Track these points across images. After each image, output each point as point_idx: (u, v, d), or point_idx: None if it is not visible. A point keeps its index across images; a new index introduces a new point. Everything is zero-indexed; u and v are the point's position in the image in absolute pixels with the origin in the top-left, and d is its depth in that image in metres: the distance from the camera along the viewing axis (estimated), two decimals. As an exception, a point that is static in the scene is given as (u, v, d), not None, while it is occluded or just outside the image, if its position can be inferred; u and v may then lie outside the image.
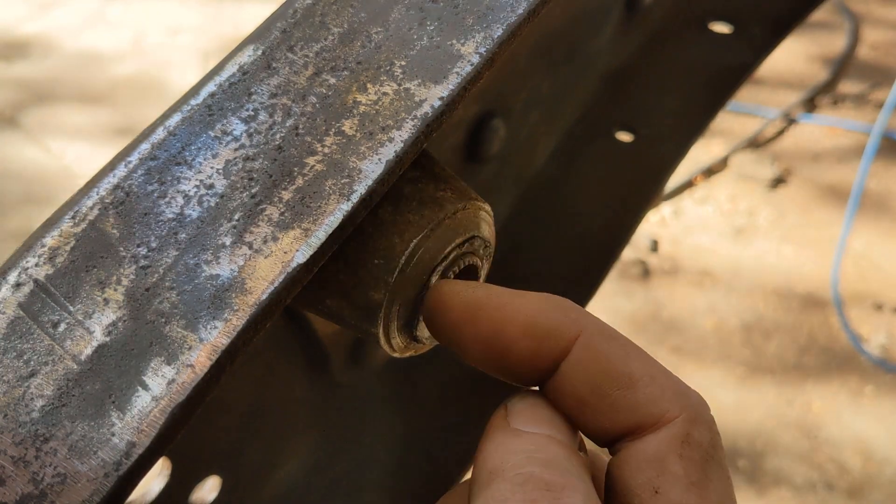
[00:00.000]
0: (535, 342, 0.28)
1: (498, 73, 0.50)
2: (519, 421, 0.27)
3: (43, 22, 3.03)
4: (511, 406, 0.28)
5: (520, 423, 0.27)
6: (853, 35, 2.76)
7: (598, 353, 0.27)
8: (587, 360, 0.27)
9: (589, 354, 0.27)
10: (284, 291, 0.25)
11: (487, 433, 0.28)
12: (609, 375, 0.27)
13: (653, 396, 0.27)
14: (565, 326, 0.28)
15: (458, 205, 0.31)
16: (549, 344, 0.28)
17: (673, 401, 0.27)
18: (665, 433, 0.26)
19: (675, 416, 0.26)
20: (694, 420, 0.27)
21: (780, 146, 2.40)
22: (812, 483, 1.61)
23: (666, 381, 0.27)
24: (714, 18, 0.66)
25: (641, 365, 0.27)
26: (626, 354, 0.28)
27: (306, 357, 0.48)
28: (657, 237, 2.12)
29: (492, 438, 0.27)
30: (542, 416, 0.27)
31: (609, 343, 0.28)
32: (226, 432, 0.45)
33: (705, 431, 0.27)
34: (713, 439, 0.27)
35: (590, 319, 0.28)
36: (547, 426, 0.27)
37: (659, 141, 0.64)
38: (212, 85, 0.29)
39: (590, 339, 0.28)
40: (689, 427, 0.26)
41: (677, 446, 0.26)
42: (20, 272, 0.26)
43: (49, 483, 0.23)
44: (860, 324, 1.90)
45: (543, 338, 0.28)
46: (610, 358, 0.27)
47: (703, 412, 0.27)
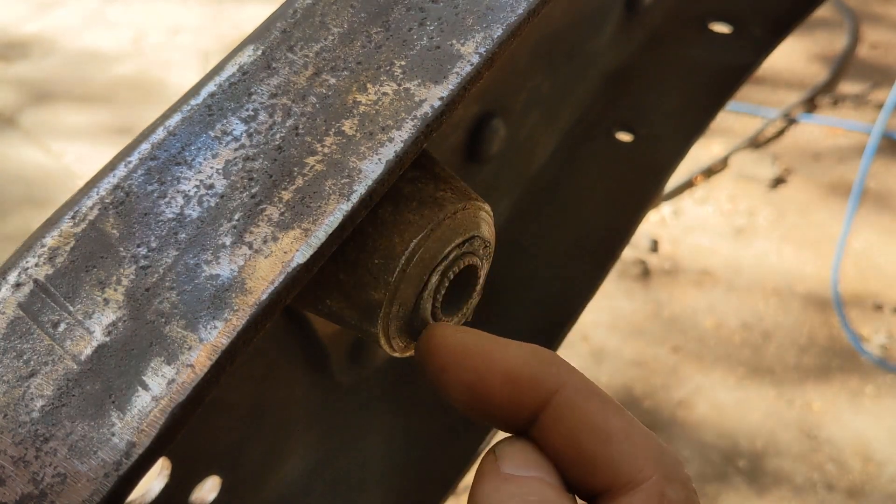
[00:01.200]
0: (515, 391, 0.28)
1: (498, 73, 0.50)
2: (509, 465, 0.28)
3: (43, 22, 3.03)
4: (500, 451, 0.29)
5: (510, 467, 0.28)
6: (853, 35, 2.76)
7: (577, 407, 0.28)
8: (566, 413, 0.28)
9: (568, 408, 0.28)
10: (284, 291, 0.25)
11: (479, 478, 0.28)
12: (586, 430, 0.28)
13: (628, 453, 0.27)
14: (545, 378, 0.28)
15: (458, 205, 0.31)
16: (529, 394, 0.28)
17: (648, 459, 0.27)
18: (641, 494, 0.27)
19: (650, 476, 0.27)
20: (668, 478, 0.27)
21: (780, 146, 2.40)
22: (812, 483, 1.61)
23: (642, 439, 0.28)
24: (714, 18, 0.66)
25: (619, 422, 0.28)
26: (605, 411, 0.28)
27: (306, 357, 0.48)
28: (657, 237, 2.12)
29: (484, 483, 0.28)
30: (531, 459, 0.28)
31: (588, 399, 0.28)
32: (226, 432, 0.45)
33: (680, 489, 0.27)
34: (689, 496, 0.27)
35: (571, 374, 0.29)
36: (536, 469, 0.28)
37: (659, 141, 0.64)
38: (212, 85, 0.29)
39: (570, 394, 0.28)
40: (664, 486, 0.27)
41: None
42: (20, 272, 0.26)
43: (49, 483, 0.23)
44: (860, 324, 1.90)
45: (523, 388, 0.28)
46: (588, 413, 0.28)
47: (677, 471, 0.28)
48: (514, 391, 0.28)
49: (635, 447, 0.27)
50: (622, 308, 1.93)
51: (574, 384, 0.28)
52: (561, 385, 0.28)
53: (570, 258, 0.62)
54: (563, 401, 0.28)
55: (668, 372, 1.79)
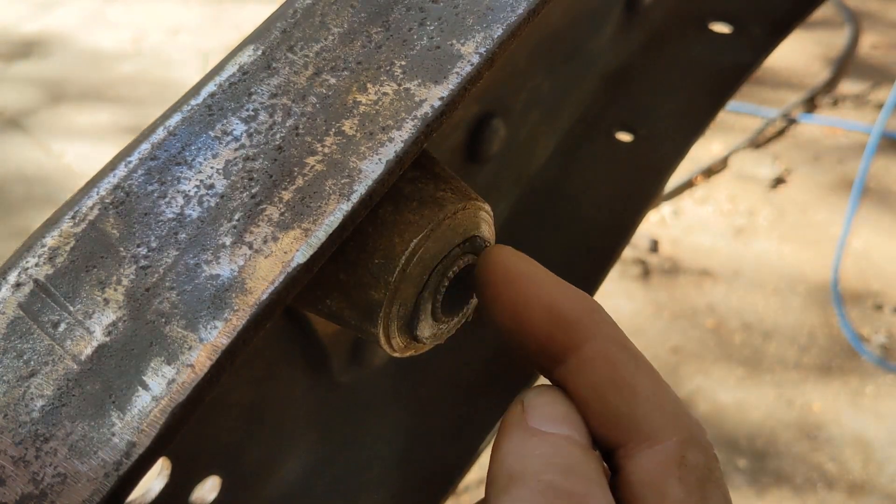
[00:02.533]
0: (551, 326, 0.28)
1: (498, 73, 0.50)
2: (536, 419, 0.27)
3: (43, 22, 3.04)
4: (528, 402, 0.28)
5: (537, 421, 0.27)
6: (853, 35, 2.76)
7: (608, 357, 0.28)
8: (596, 361, 0.28)
9: (598, 357, 0.28)
10: (284, 291, 0.25)
11: (504, 430, 0.28)
12: (613, 382, 0.28)
13: (653, 412, 0.27)
14: (583, 322, 0.28)
15: (458, 205, 0.31)
16: (563, 333, 0.28)
17: (670, 421, 0.27)
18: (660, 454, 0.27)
19: (669, 437, 0.27)
20: (690, 442, 0.27)
21: (780, 146, 2.40)
22: (812, 483, 1.61)
23: (668, 400, 0.28)
24: (714, 18, 0.66)
25: (646, 379, 0.28)
26: (635, 366, 0.28)
27: (306, 357, 0.48)
28: (657, 237, 2.12)
29: (509, 437, 0.27)
30: (559, 413, 0.28)
31: (620, 351, 0.28)
32: (226, 432, 0.45)
33: (701, 454, 0.27)
34: (709, 462, 0.27)
35: (608, 325, 0.29)
36: (565, 425, 0.27)
37: (659, 141, 0.64)
38: (212, 85, 0.29)
39: (602, 343, 0.28)
40: (684, 449, 0.27)
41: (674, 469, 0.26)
42: (20, 272, 0.26)
43: (49, 483, 0.23)
44: (860, 324, 1.90)
45: (560, 324, 0.28)
46: (617, 365, 0.28)
47: (699, 436, 0.27)
48: (553, 325, 0.28)
49: (661, 407, 0.27)
50: (622, 308, 1.93)
51: (610, 335, 0.28)
52: (597, 333, 0.28)
53: (570, 258, 0.62)
54: (596, 349, 0.28)
55: (668, 372, 1.79)
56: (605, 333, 0.28)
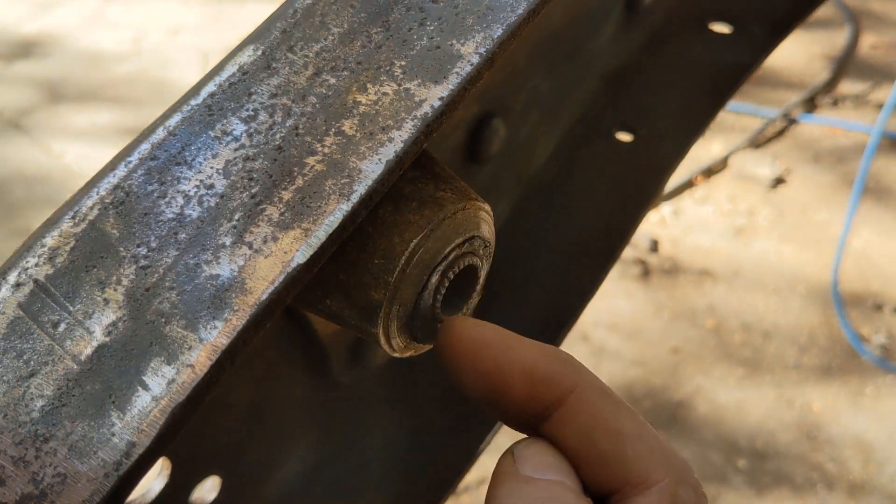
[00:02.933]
0: (531, 387, 0.29)
1: (498, 73, 0.50)
2: (528, 467, 0.28)
3: (43, 22, 3.04)
4: (518, 452, 0.29)
5: (529, 469, 0.28)
6: (853, 35, 2.76)
7: (592, 406, 0.28)
8: (581, 412, 0.28)
9: (582, 407, 0.28)
10: (284, 291, 0.25)
11: (497, 480, 0.28)
12: (600, 429, 0.28)
13: (641, 454, 0.28)
14: (562, 377, 0.29)
15: (458, 205, 0.31)
16: (544, 391, 0.29)
17: (660, 462, 0.28)
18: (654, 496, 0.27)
19: (661, 478, 0.27)
20: (680, 481, 0.28)
21: (780, 146, 2.40)
22: (812, 483, 1.61)
23: (653, 441, 0.28)
24: (714, 18, 0.66)
25: (631, 423, 0.28)
26: (618, 412, 0.29)
27: (306, 357, 0.48)
28: (657, 237, 2.12)
29: (502, 485, 0.28)
30: (550, 461, 0.28)
31: (602, 399, 0.29)
32: (226, 432, 0.45)
33: (691, 492, 0.28)
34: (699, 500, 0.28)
35: (587, 375, 0.29)
36: (556, 472, 0.28)
37: (659, 141, 0.64)
38: (212, 85, 0.29)
39: (584, 393, 0.29)
40: (675, 488, 0.27)
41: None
42: (20, 272, 0.26)
43: (49, 483, 0.23)
44: (860, 324, 1.90)
45: (539, 384, 0.29)
46: (602, 413, 0.28)
47: (687, 474, 0.28)
48: (532, 386, 0.29)
49: (647, 448, 0.28)
50: (622, 308, 1.93)
51: (589, 384, 0.29)
52: (576, 385, 0.29)
53: (570, 258, 0.62)
54: (578, 399, 0.28)
55: (668, 372, 1.79)
56: (585, 383, 0.29)
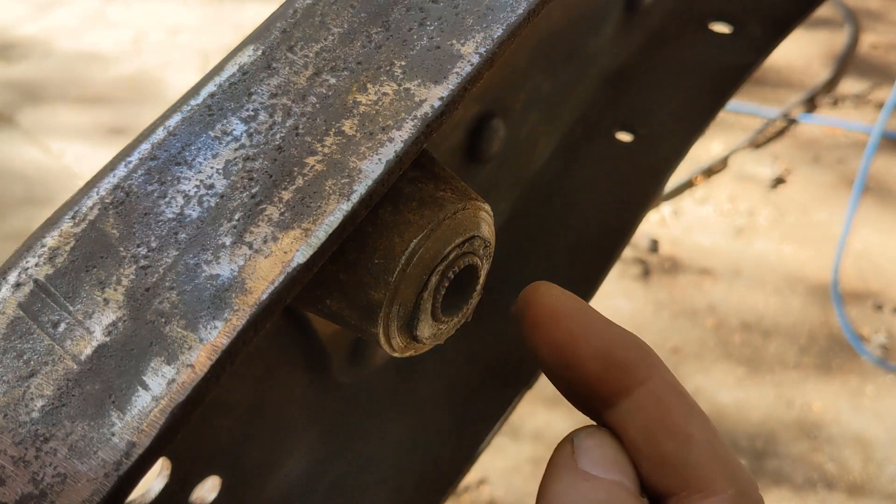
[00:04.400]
0: (604, 369, 0.28)
1: (498, 73, 0.50)
2: (587, 462, 0.27)
3: (43, 22, 3.04)
4: (579, 443, 0.27)
5: (588, 464, 0.27)
6: (853, 35, 2.76)
7: (662, 402, 0.27)
8: (650, 406, 0.27)
9: (652, 401, 0.27)
10: (284, 291, 0.25)
11: (553, 470, 0.27)
12: (667, 428, 0.27)
13: (707, 462, 0.26)
14: (638, 366, 0.28)
15: (458, 205, 0.31)
16: (617, 376, 0.28)
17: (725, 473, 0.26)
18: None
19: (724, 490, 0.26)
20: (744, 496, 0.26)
21: (780, 146, 2.40)
22: (812, 483, 1.61)
23: (722, 451, 0.27)
24: (714, 18, 0.66)
25: (701, 429, 0.27)
26: (690, 414, 0.27)
27: (306, 357, 0.48)
28: (657, 237, 2.12)
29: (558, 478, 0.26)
30: (610, 457, 0.27)
31: (675, 397, 0.28)
32: (226, 432, 0.45)
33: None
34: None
35: (662, 369, 0.28)
36: (616, 471, 0.26)
37: (659, 141, 0.64)
38: (212, 85, 0.29)
39: (657, 387, 0.27)
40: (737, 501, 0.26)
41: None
42: (20, 272, 0.26)
43: (49, 483, 0.23)
44: (860, 324, 1.90)
45: (613, 368, 0.28)
46: (672, 412, 0.27)
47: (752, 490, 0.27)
48: (604, 368, 0.28)
49: (715, 458, 0.27)
50: (622, 308, 1.93)
51: (664, 380, 0.28)
52: (650, 377, 0.28)
53: (570, 258, 0.62)
54: (649, 393, 0.27)
55: (668, 372, 1.79)
56: (659, 378, 0.28)
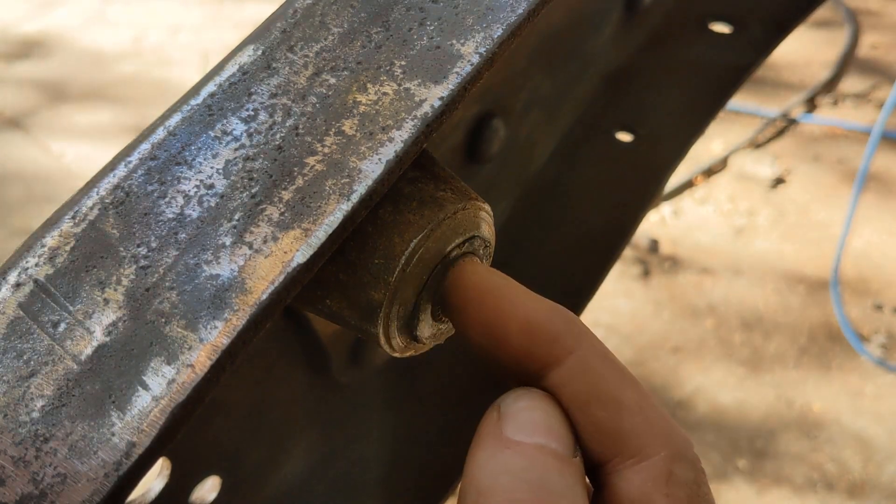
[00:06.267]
0: (530, 342, 0.28)
1: (498, 73, 0.50)
2: (511, 427, 0.26)
3: (43, 22, 3.04)
4: (504, 408, 0.27)
5: (512, 430, 0.26)
6: (853, 35, 2.76)
7: (592, 371, 0.27)
8: (579, 375, 0.27)
9: (582, 370, 0.27)
10: (284, 291, 0.25)
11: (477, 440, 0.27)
12: (598, 396, 0.27)
13: (639, 426, 0.26)
14: (564, 336, 0.28)
15: (458, 205, 0.31)
16: (544, 348, 0.27)
17: (658, 435, 0.26)
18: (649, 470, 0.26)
19: (658, 452, 0.26)
20: (678, 457, 0.26)
21: (780, 146, 2.40)
22: (812, 483, 1.61)
23: (654, 414, 0.27)
24: (714, 18, 0.66)
25: (632, 392, 0.27)
26: (620, 380, 0.27)
27: (306, 357, 0.48)
28: (657, 237, 2.12)
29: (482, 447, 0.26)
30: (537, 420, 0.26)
31: (604, 364, 0.27)
32: (226, 432, 0.45)
33: (689, 469, 0.26)
34: (698, 477, 0.26)
35: (590, 338, 0.28)
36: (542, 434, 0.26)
37: (659, 141, 0.64)
38: (212, 85, 0.29)
39: (585, 356, 0.27)
40: (672, 464, 0.26)
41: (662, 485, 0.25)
42: (20, 272, 0.26)
43: (49, 483, 0.23)
44: (860, 324, 1.90)
45: (539, 340, 0.28)
46: (603, 378, 0.27)
47: (686, 450, 0.27)
48: (531, 340, 0.27)
49: (647, 421, 0.26)
50: (622, 308, 1.93)
51: (593, 348, 0.28)
52: (579, 346, 0.27)
53: (570, 258, 0.62)
54: (578, 362, 0.27)
55: (668, 372, 1.79)
56: (587, 346, 0.27)
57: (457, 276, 0.30)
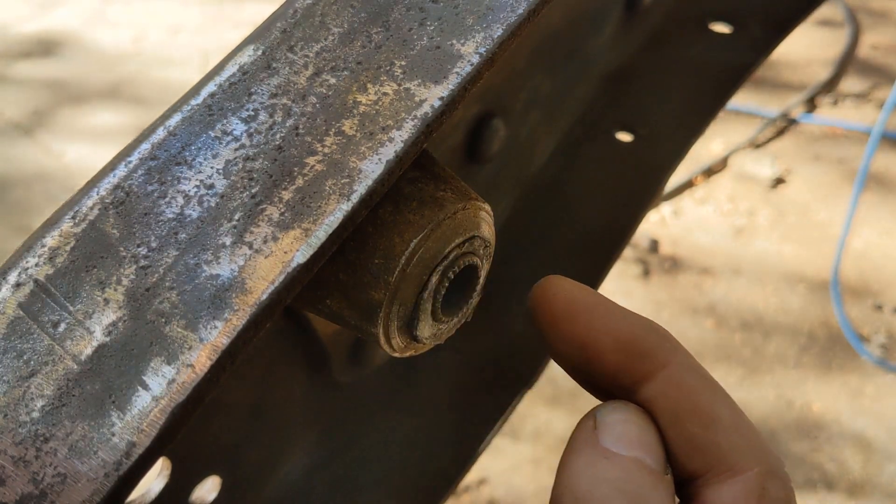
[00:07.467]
0: (624, 358, 0.28)
1: (498, 73, 0.50)
2: (609, 439, 0.26)
3: (43, 22, 3.04)
4: (601, 418, 0.27)
5: (609, 441, 0.26)
6: (853, 35, 2.76)
7: (686, 386, 0.27)
8: (672, 389, 0.27)
9: (676, 385, 0.27)
10: (284, 291, 0.25)
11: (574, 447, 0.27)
12: (693, 411, 0.27)
13: (733, 442, 0.26)
14: (657, 351, 0.28)
15: (458, 205, 0.31)
16: (637, 364, 0.28)
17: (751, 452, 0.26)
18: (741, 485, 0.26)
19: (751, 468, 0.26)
20: (770, 474, 0.26)
21: (780, 146, 2.40)
22: (812, 483, 1.61)
23: (748, 431, 0.27)
24: (714, 18, 0.66)
25: (726, 409, 0.27)
26: (714, 395, 0.27)
27: (306, 357, 0.48)
28: (657, 237, 2.12)
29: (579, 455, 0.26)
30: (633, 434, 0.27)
31: (697, 379, 0.27)
32: (226, 432, 0.45)
33: (780, 487, 0.26)
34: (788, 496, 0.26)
35: (683, 353, 0.28)
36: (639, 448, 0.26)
37: (659, 141, 0.64)
38: (212, 85, 0.29)
39: (679, 371, 0.27)
40: (765, 481, 0.26)
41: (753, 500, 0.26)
42: (20, 272, 0.26)
43: (49, 483, 0.23)
44: (860, 324, 1.90)
45: (633, 355, 0.28)
46: (696, 394, 0.27)
47: (779, 468, 0.27)
48: (624, 357, 0.28)
49: (741, 437, 0.27)
50: (622, 308, 1.93)
51: (685, 363, 0.28)
52: (671, 361, 0.27)
53: (570, 258, 0.62)
54: (671, 377, 0.27)
55: (668, 372, 1.79)
56: (680, 361, 0.28)
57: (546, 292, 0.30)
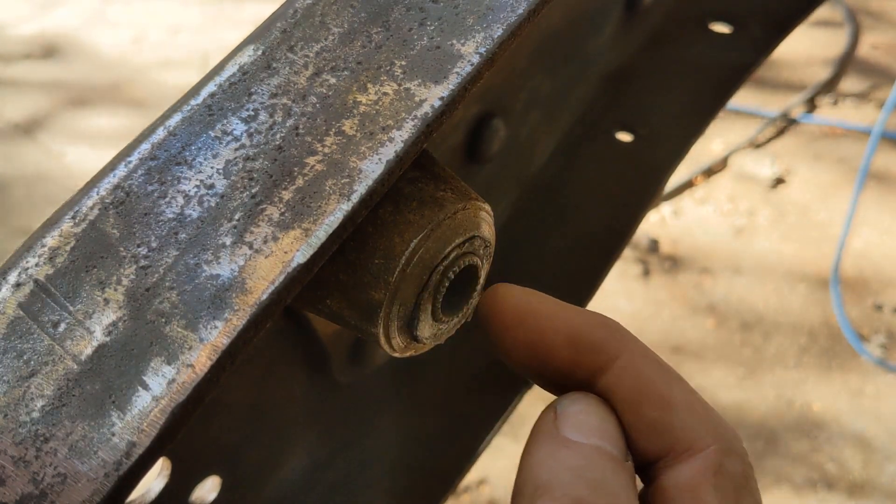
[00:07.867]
0: (576, 354, 0.28)
1: (498, 73, 0.50)
2: (568, 428, 0.27)
3: (43, 22, 3.04)
4: (561, 409, 0.28)
5: (569, 430, 0.27)
6: (853, 35, 2.76)
7: (640, 373, 0.28)
8: (628, 379, 0.28)
9: (630, 374, 0.28)
10: (284, 291, 0.25)
11: (535, 437, 0.27)
12: (648, 397, 0.28)
13: (689, 423, 0.27)
14: (608, 344, 0.28)
15: (458, 205, 0.31)
16: (590, 358, 0.28)
17: (708, 430, 0.27)
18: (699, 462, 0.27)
19: (708, 445, 0.27)
20: (727, 451, 0.27)
21: (780, 146, 2.40)
22: (812, 483, 1.61)
23: (702, 410, 0.28)
24: (714, 18, 0.66)
25: (680, 391, 0.28)
26: (667, 379, 0.28)
27: (306, 357, 0.48)
28: (657, 237, 2.12)
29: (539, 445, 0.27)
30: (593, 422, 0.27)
31: (651, 366, 0.28)
32: (226, 432, 0.45)
33: (738, 462, 0.27)
34: (745, 470, 0.27)
35: (634, 342, 0.29)
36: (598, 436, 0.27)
37: (659, 141, 0.64)
38: (212, 85, 0.29)
39: (632, 360, 0.28)
40: (721, 457, 0.27)
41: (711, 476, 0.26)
42: (20, 272, 0.26)
43: (49, 483, 0.23)
44: (860, 324, 1.90)
45: (585, 351, 0.28)
46: (651, 380, 0.28)
47: (735, 443, 0.28)
48: (576, 353, 0.28)
49: (696, 417, 0.27)
50: (622, 308, 1.93)
51: (637, 351, 0.28)
52: (623, 351, 0.28)
53: (570, 258, 0.62)
54: (625, 366, 0.28)
55: (668, 372, 1.79)
56: (631, 350, 0.28)
57: (492, 301, 0.30)
